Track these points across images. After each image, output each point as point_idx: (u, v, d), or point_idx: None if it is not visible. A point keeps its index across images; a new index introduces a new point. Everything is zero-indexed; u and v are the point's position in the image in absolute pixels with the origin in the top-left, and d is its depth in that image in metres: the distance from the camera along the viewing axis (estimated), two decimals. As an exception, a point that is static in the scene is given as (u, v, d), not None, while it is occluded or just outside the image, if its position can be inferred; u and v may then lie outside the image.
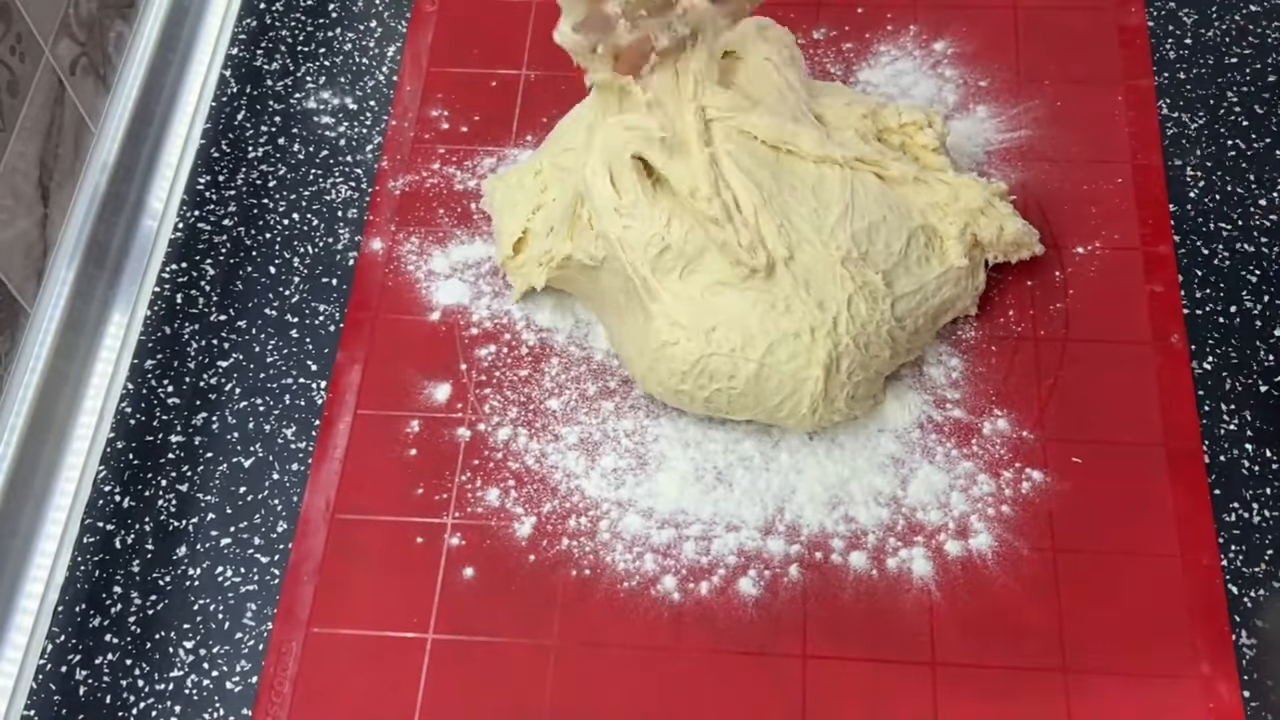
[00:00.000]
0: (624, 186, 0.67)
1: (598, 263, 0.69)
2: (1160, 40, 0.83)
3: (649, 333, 0.67)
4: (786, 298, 0.66)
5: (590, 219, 0.69)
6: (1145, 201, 0.77)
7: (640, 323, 0.68)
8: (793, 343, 0.66)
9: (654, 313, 0.67)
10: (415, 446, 0.71)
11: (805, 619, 0.65)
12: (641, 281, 0.67)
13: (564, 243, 0.71)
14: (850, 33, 0.84)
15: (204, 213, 0.80)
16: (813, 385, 0.66)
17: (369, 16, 0.88)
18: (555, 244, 0.71)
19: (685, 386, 0.67)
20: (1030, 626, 0.64)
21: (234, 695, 0.64)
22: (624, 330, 0.70)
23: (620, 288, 0.69)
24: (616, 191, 0.67)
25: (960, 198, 0.70)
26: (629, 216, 0.67)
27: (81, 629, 0.67)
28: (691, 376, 0.67)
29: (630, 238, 0.67)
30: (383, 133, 0.82)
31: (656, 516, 0.68)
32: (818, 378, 0.66)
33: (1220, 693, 0.62)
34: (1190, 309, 0.73)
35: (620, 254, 0.67)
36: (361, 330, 0.75)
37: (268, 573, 0.68)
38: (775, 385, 0.66)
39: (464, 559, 0.67)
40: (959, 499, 0.68)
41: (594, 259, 0.69)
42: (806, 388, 0.66)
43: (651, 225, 0.67)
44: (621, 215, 0.67)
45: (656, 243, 0.67)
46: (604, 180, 0.68)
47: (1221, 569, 0.65)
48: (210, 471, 0.71)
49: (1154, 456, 0.68)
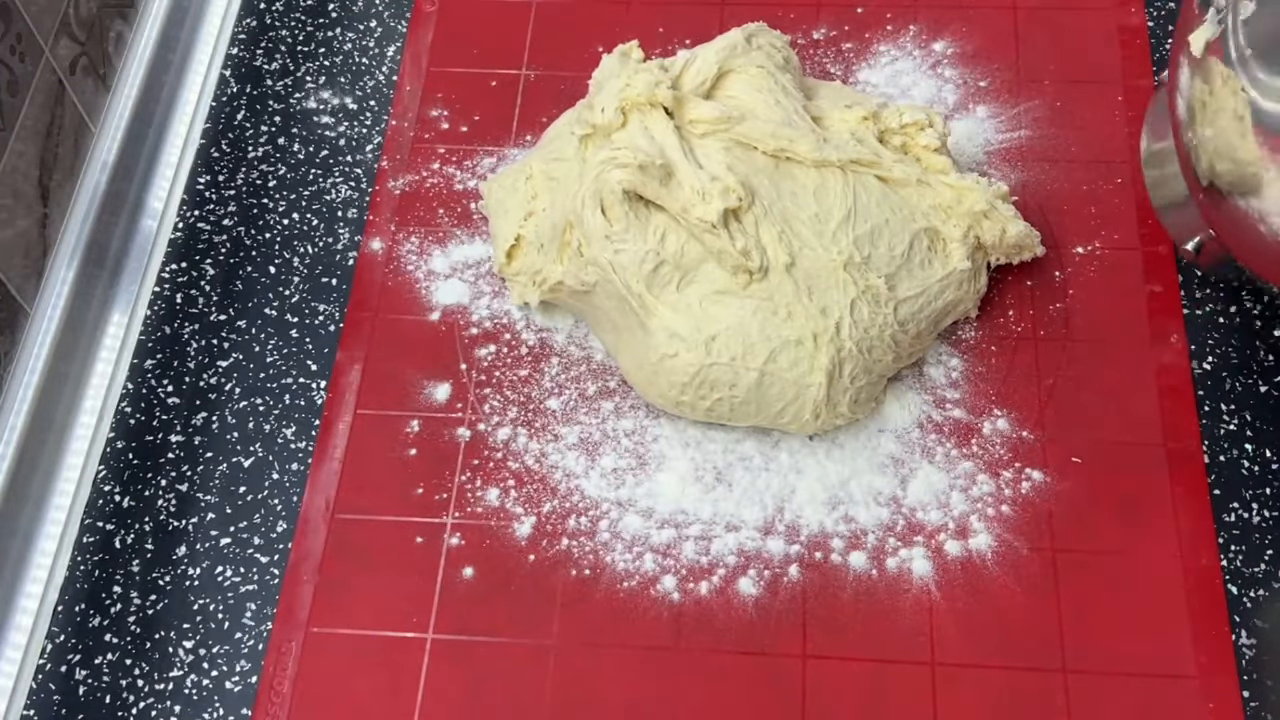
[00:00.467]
0: (615, 216, 0.67)
1: (589, 287, 0.69)
2: (1160, 40, 0.83)
3: (647, 347, 0.67)
4: (788, 304, 0.66)
5: (580, 246, 0.68)
6: (1145, 201, 0.76)
7: (639, 338, 0.68)
8: (794, 349, 0.66)
9: (652, 327, 0.67)
10: (415, 446, 0.71)
11: (805, 619, 0.65)
12: (637, 299, 0.67)
13: (554, 266, 0.70)
14: (850, 33, 0.84)
15: (204, 212, 0.80)
16: (815, 391, 0.66)
17: (369, 16, 0.88)
18: (546, 265, 0.71)
19: (686, 398, 0.67)
20: (1030, 626, 0.64)
21: (233, 695, 0.64)
22: (621, 345, 0.70)
23: (615, 307, 0.69)
24: (608, 220, 0.67)
25: (963, 200, 0.70)
26: (620, 241, 0.67)
27: (81, 629, 0.67)
28: (692, 388, 0.67)
29: (622, 260, 0.67)
30: (383, 133, 0.82)
31: (656, 516, 0.68)
32: (820, 384, 0.66)
33: (1220, 693, 0.62)
34: (1190, 309, 0.73)
35: (613, 276, 0.67)
36: (361, 330, 0.75)
37: (267, 572, 0.68)
38: (777, 392, 0.66)
39: (464, 559, 0.67)
40: (959, 499, 0.68)
41: (585, 284, 0.69)
42: (809, 394, 0.66)
43: (644, 243, 0.67)
44: (613, 241, 0.67)
45: (651, 259, 0.67)
46: (594, 212, 0.67)
47: (1221, 569, 0.65)
48: (210, 471, 0.71)
49: (1154, 456, 0.68)
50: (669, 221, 0.67)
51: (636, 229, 0.67)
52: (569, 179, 0.71)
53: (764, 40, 0.73)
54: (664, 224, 0.67)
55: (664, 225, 0.67)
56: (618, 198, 0.67)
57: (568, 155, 0.72)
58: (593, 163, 0.68)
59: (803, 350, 0.66)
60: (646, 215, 0.67)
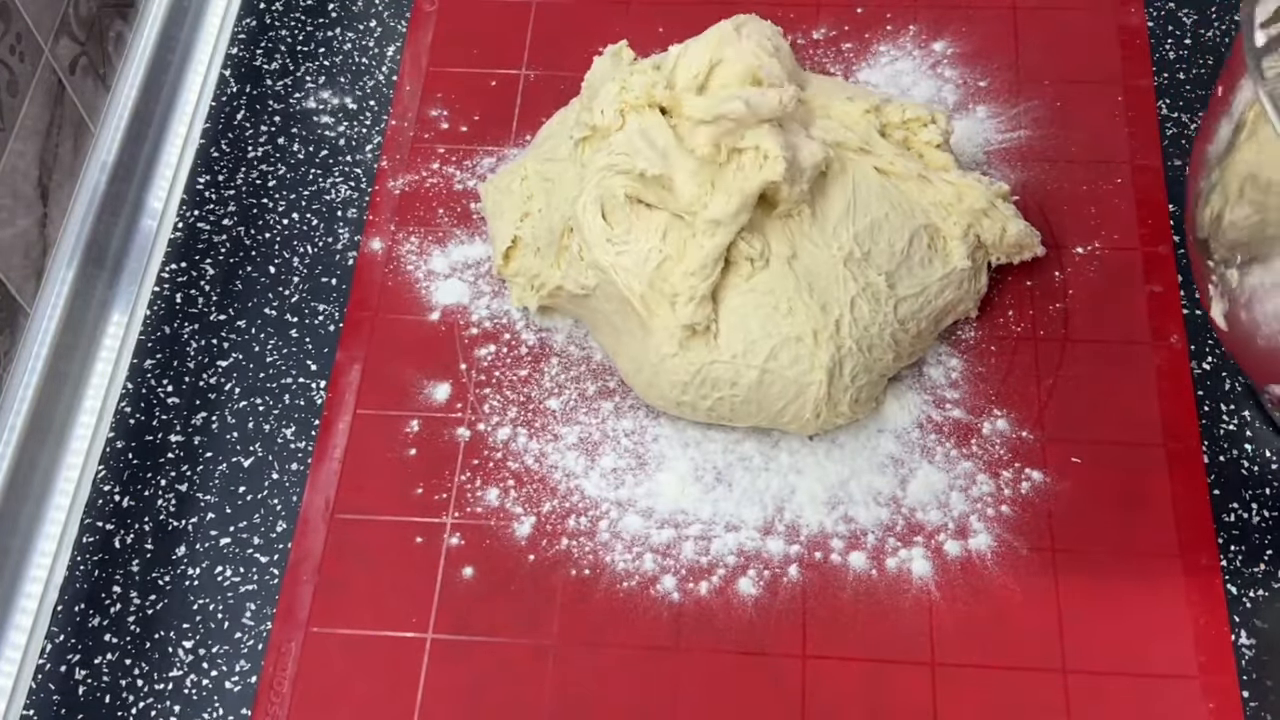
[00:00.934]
0: (616, 219, 0.67)
1: (589, 291, 0.69)
2: (1160, 40, 0.83)
3: (648, 348, 0.67)
4: (789, 299, 0.66)
5: (580, 251, 0.68)
6: (1145, 202, 0.77)
7: (639, 339, 0.68)
8: (795, 346, 0.66)
9: (653, 327, 0.67)
10: (415, 446, 0.71)
11: (805, 619, 0.65)
12: (639, 299, 0.66)
13: (553, 271, 0.70)
14: (850, 33, 0.84)
15: (204, 212, 0.80)
16: (816, 390, 0.66)
17: (369, 16, 0.88)
18: (544, 270, 0.71)
19: (687, 397, 0.67)
20: (1030, 626, 0.64)
21: (233, 695, 0.64)
22: (621, 347, 0.70)
23: (615, 309, 0.68)
24: (609, 224, 0.67)
25: (964, 198, 0.70)
26: (622, 243, 0.67)
27: (81, 628, 0.67)
28: (693, 387, 0.67)
29: (625, 261, 0.67)
30: (382, 132, 0.82)
31: (656, 516, 0.68)
32: (821, 382, 0.66)
33: (1220, 693, 0.62)
34: (1190, 309, 0.73)
35: (615, 278, 0.67)
36: (361, 330, 0.75)
37: (267, 572, 0.68)
38: (778, 391, 0.66)
39: (463, 559, 0.67)
40: (958, 499, 0.68)
41: (585, 288, 0.69)
42: (810, 392, 0.66)
43: (647, 241, 0.67)
44: (615, 244, 0.67)
45: (654, 256, 0.66)
46: (595, 216, 0.67)
47: (1221, 569, 0.65)
48: (210, 471, 0.71)
49: (1154, 456, 0.68)
50: (670, 218, 0.67)
51: (639, 229, 0.67)
52: (564, 179, 0.71)
53: (754, 30, 0.73)
54: (665, 221, 0.67)
55: (665, 223, 0.67)
56: (619, 202, 0.67)
57: (561, 156, 0.72)
58: (592, 169, 0.68)
59: (803, 347, 0.65)
60: (648, 214, 0.67)
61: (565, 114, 0.76)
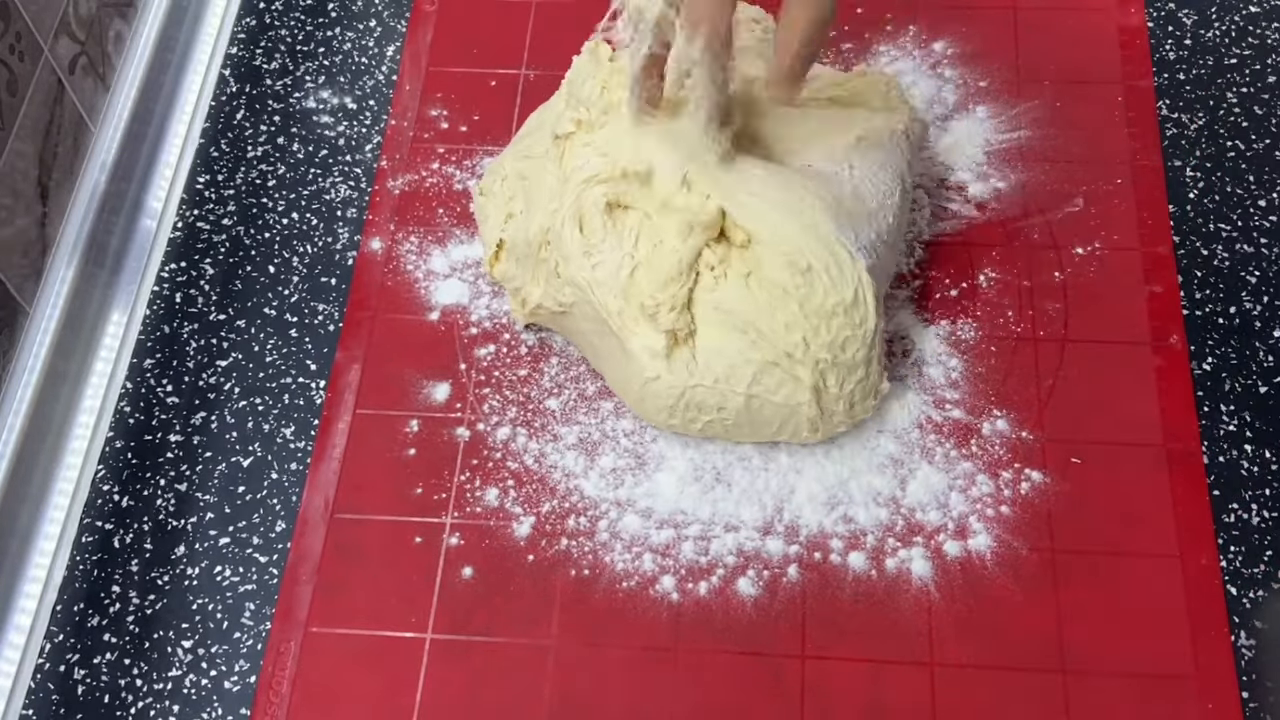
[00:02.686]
0: (592, 229, 0.67)
1: (567, 308, 0.68)
2: (1160, 40, 0.83)
3: (629, 373, 0.67)
4: (755, 323, 0.64)
5: (557, 267, 0.68)
6: (1145, 202, 0.77)
7: (620, 363, 0.67)
8: (775, 371, 0.65)
9: (633, 349, 0.66)
10: (414, 446, 0.71)
11: (804, 619, 0.65)
12: (616, 316, 0.66)
13: (533, 288, 0.70)
14: (850, 33, 0.84)
15: (203, 212, 0.80)
16: (807, 409, 0.65)
17: (368, 16, 0.88)
18: (525, 284, 0.70)
19: (675, 420, 0.67)
20: (1029, 627, 0.64)
21: (232, 695, 0.64)
22: (606, 368, 0.70)
23: (593, 330, 0.68)
24: (584, 236, 0.67)
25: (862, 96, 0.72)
26: (598, 254, 0.66)
27: (80, 628, 0.67)
28: (679, 410, 0.66)
29: (600, 275, 0.66)
30: (382, 132, 0.82)
31: (655, 516, 0.68)
32: (809, 402, 0.65)
33: (1219, 693, 0.62)
34: (1190, 309, 0.73)
35: (591, 296, 0.66)
36: (361, 330, 0.75)
37: (266, 572, 0.68)
38: (769, 414, 0.66)
39: (463, 559, 0.67)
40: (958, 499, 0.68)
41: (563, 305, 0.68)
42: (801, 411, 0.65)
43: (620, 249, 0.66)
44: (590, 256, 0.66)
45: (627, 264, 0.66)
46: (574, 230, 0.67)
47: (1220, 570, 0.65)
48: (209, 471, 0.71)
49: (1153, 457, 0.68)
50: (641, 221, 0.66)
51: (613, 238, 0.66)
52: (540, 178, 0.71)
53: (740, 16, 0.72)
54: (636, 225, 0.67)
55: (637, 227, 0.66)
56: (598, 209, 0.66)
57: (538, 153, 0.72)
58: (573, 182, 0.68)
59: (783, 371, 0.65)
60: (622, 219, 0.67)
61: (543, 112, 0.76)
